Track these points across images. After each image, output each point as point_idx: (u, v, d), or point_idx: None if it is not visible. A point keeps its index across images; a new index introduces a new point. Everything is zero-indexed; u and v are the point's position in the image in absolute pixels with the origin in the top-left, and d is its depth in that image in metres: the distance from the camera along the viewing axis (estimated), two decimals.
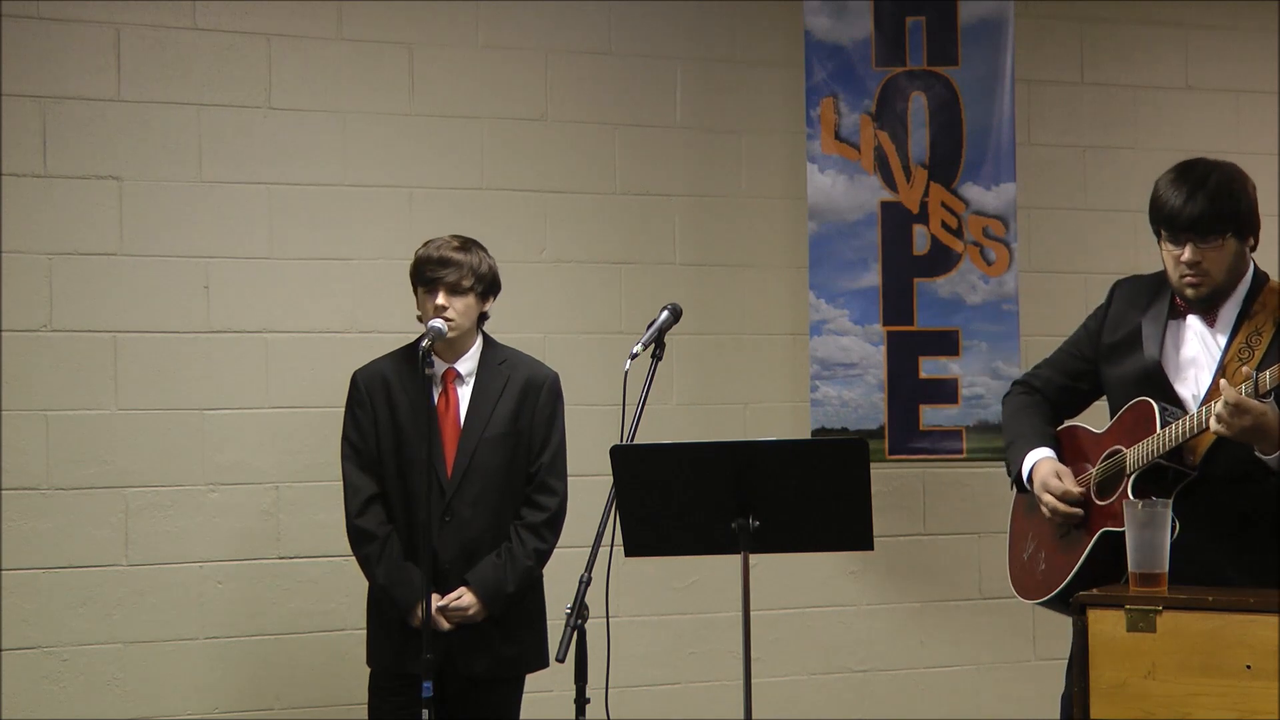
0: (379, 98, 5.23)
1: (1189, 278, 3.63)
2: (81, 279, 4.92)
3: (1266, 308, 3.66)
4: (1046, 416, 4.00)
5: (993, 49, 5.49)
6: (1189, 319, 3.72)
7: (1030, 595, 3.95)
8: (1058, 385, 4.02)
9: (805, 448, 3.98)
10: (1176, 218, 3.59)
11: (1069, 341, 4.05)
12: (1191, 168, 3.67)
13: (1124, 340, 3.82)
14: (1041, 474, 3.84)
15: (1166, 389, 3.68)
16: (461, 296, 4.29)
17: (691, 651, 5.50)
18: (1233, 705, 3.25)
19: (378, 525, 4.31)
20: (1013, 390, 4.13)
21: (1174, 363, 3.71)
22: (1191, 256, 3.60)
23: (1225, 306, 3.69)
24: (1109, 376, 3.87)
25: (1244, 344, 3.64)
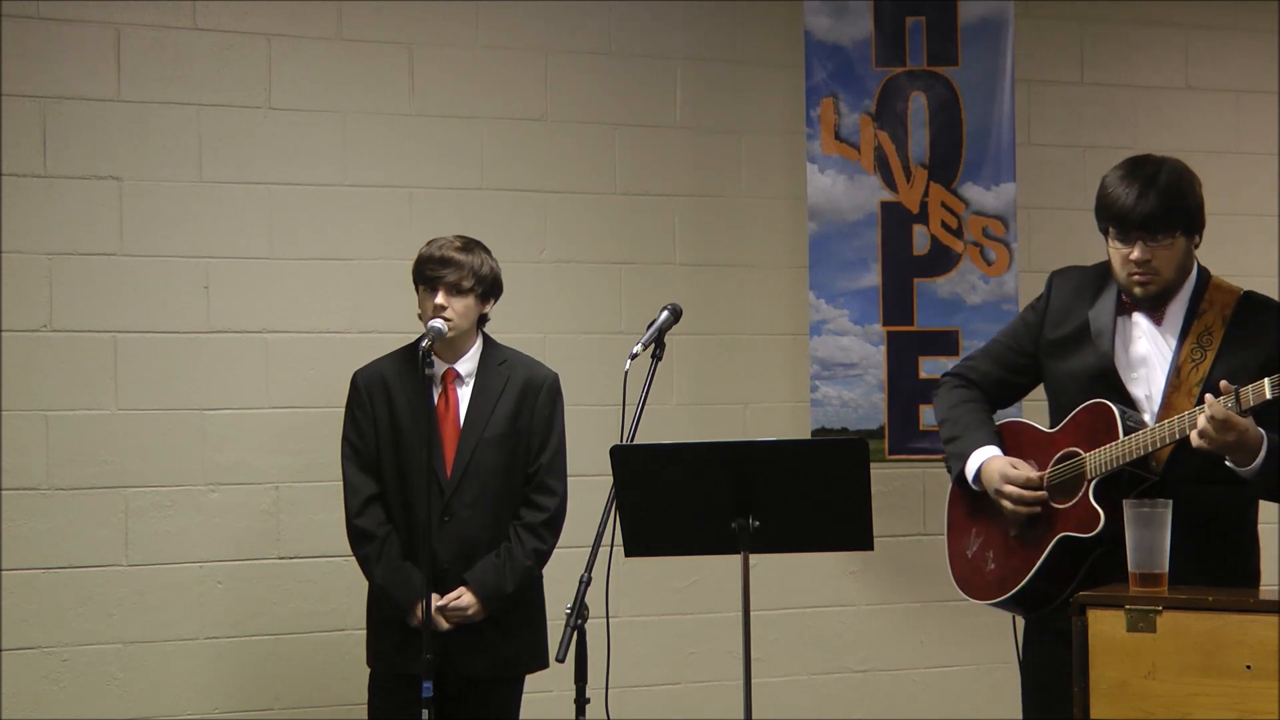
0: (379, 98, 5.23)
1: (1138, 276, 3.60)
2: (81, 279, 4.92)
3: (1214, 306, 3.64)
4: (986, 411, 3.91)
5: (993, 49, 5.49)
6: (1135, 316, 3.69)
7: (980, 595, 3.87)
8: (996, 378, 3.94)
9: (805, 448, 3.98)
10: (1128, 216, 3.55)
11: (1006, 334, 3.98)
12: (1141, 164, 3.64)
13: (1072, 335, 3.76)
14: (995, 469, 3.74)
15: (1119, 387, 3.65)
16: (461, 297, 4.29)
17: (691, 651, 5.50)
18: (1233, 705, 3.25)
19: (377, 525, 4.31)
20: (946, 382, 4.02)
21: (1124, 360, 3.68)
22: (1142, 255, 3.57)
23: (1172, 305, 3.67)
24: (1054, 371, 3.81)
25: (1195, 344, 3.62)
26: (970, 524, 3.93)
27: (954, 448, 3.87)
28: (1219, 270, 3.86)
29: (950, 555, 4.01)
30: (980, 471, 3.80)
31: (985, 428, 3.86)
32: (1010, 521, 3.77)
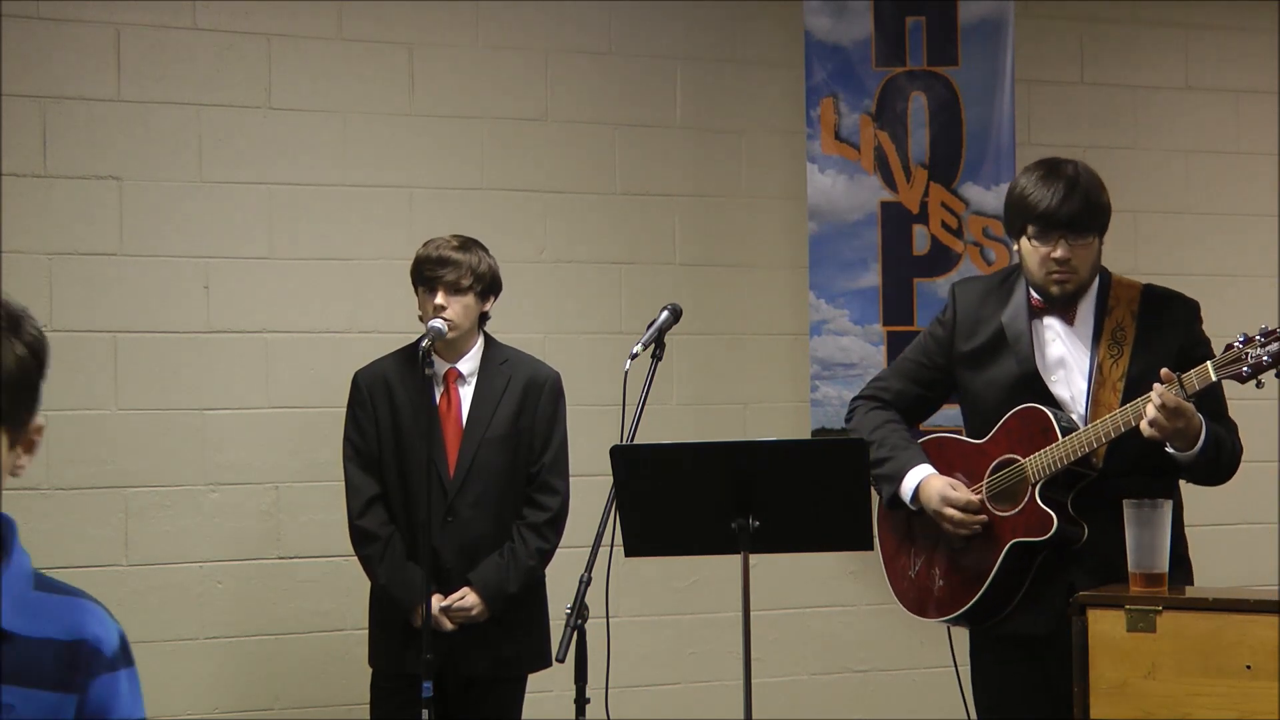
0: (379, 98, 5.23)
1: (1057, 274, 3.65)
2: (81, 279, 4.92)
3: (1121, 303, 3.71)
4: (907, 431, 3.94)
5: (993, 49, 5.49)
6: (1047, 319, 3.75)
7: (930, 614, 3.90)
8: (910, 395, 3.96)
9: (805, 448, 3.98)
10: (1053, 215, 3.61)
11: (914, 351, 4.00)
12: (1057, 166, 3.71)
13: (987, 344, 3.79)
14: (934, 489, 3.76)
15: (1042, 391, 3.69)
16: (460, 296, 4.29)
17: (691, 651, 5.50)
18: (1233, 705, 3.26)
19: (379, 526, 4.31)
20: (860, 405, 4.01)
21: (1043, 364, 3.73)
22: (1064, 254, 3.62)
23: (1082, 304, 3.73)
24: (972, 382, 3.84)
25: (1111, 341, 3.68)
26: (908, 544, 3.94)
27: (885, 470, 3.85)
28: (1220, 270, 3.88)
29: (890, 577, 4.01)
30: (919, 491, 3.79)
31: (913, 447, 3.87)
32: (953, 537, 3.78)
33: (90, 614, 1.99)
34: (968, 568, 3.77)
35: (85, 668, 1.96)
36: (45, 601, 1.95)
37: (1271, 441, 5.76)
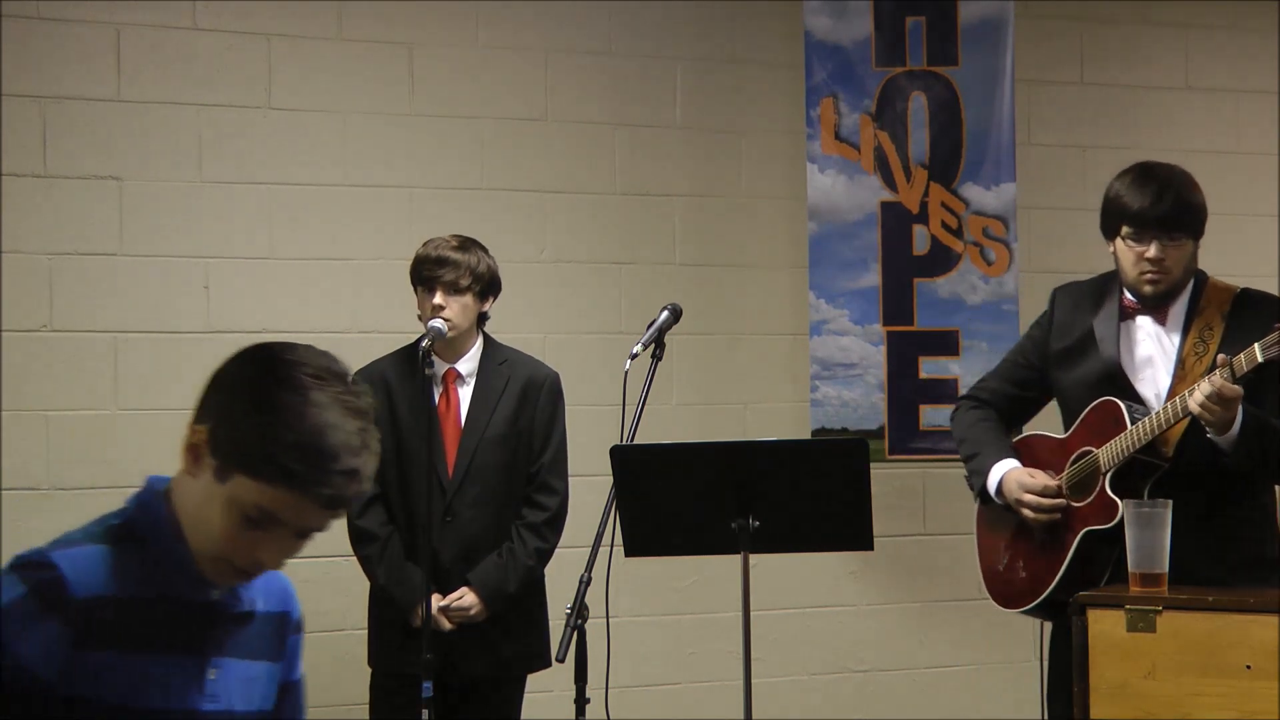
0: (379, 98, 5.23)
1: (1150, 274, 3.71)
2: (81, 279, 4.92)
3: (1213, 303, 3.76)
4: (1001, 428, 4.03)
5: (993, 49, 5.49)
6: (1139, 319, 3.81)
7: (1014, 604, 3.95)
8: (1007, 395, 4.05)
9: (805, 448, 3.99)
10: (1145, 215, 3.67)
11: (1014, 352, 4.11)
12: (1152, 169, 3.77)
13: (1076, 344, 3.87)
14: (1013, 479, 3.85)
15: (1128, 389, 3.75)
16: (459, 296, 4.29)
17: (691, 651, 5.50)
18: (1233, 705, 3.26)
19: (379, 525, 4.30)
20: (961, 405, 4.15)
21: (1131, 364, 3.79)
22: (1157, 253, 3.68)
23: (1175, 305, 3.78)
24: (1063, 381, 3.92)
25: (1197, 339, 3.73)
26: (999, 538, 4.01)
27: (973, 465, 3.98)
28: (1218, 270, 3.89)
29: (984, 573, 4.08)
30: (1002, 484, 3.89)
31: (1000, 442, 3.98)
32: (1034, 528, 3.84)
33: (288, 583, 2.18)
34: (1046, 557, 3.82)
35: (286, 635, 2.14)
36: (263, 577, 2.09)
37: None
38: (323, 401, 1.94)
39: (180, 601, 2.02)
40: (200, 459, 2.00)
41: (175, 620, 2.01)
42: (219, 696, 2.04)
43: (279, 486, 1.94)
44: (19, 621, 1.93)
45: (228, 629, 2.06)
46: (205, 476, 1.99)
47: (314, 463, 1.92)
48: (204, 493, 1.99)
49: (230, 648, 2.06)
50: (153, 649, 1.99)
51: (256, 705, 2.09)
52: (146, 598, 2.00)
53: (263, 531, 1.97)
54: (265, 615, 2.11)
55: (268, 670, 2.11)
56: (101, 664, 1.95)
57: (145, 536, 2.05)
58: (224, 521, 1.97)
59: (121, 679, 1.96)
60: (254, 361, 2.00)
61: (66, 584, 1.95)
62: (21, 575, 1.96)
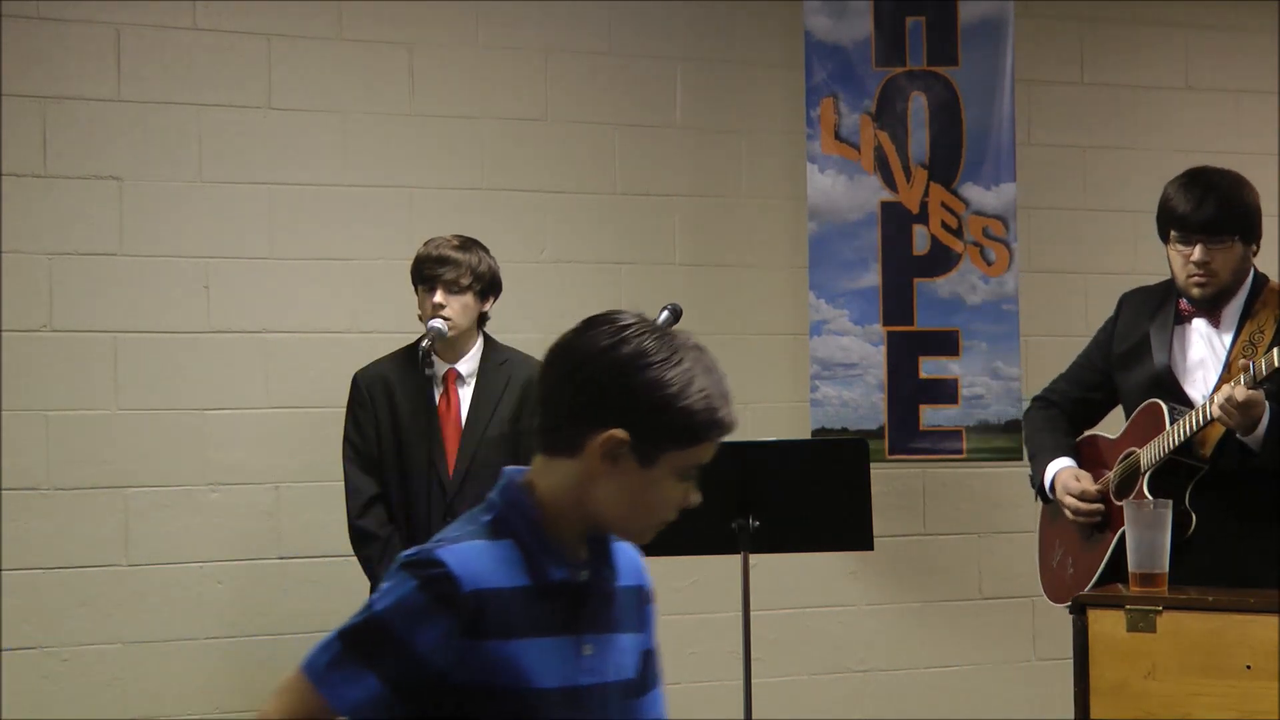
0: (379, 98, 5.22)
1: (1197, 277, 3.76)
2: (81, 279, 4.92)
3: (1267, 306, 3.78)
4: (1064, 428, 4.12)
5: (993, 49, 5.49)
6: (1194, 322, 3.85)
7: (1061, 599, 4.04)
8: (1073, 398, 4.15)
9: (805, 448, 3.99)
10: (1189, 218, 3.72)
11: (1082, 354, 4.19)
12: (1202, 173, 3.81)
13: (1134, 349, 3.94)
14: (1062, 480, 3.97)
15: (1178, 392, 3.81)
16: (459, 295, 4.29)
17: (691, 651, 5.50)
18: (1233, 705, 3.26)
19: (379, 526, 4.30)
20: (1032, 406, 4.25)
21: (1182, 367, 3.84)
22: (1201, 256, 3.73)
23: (1229, 307, 3.82)
24: (1122, 384, 4.00)
25: (1248, 341, 3.77)
26: (1055, 535, 4.12)
27: (1034, 466, 4.10)
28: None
29: (1041, 567, 4.20)
30: (1054, 483, 4.00)
31: (1059, 442, 4.08)
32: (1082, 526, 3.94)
33: (637, 556, 2.31)
34: (1089, 555, 3.92)
35: (644, 605, 2.30)
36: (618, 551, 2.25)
37: None
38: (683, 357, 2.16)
39: (554, 586, 2.15)
40: (620, 459, 2.13)
41: (551, 604, 2.14)
42: (595, 670, 2.18)
43: (708, 439, 2.16)
44: (413, 617, 2.06)
45: (597, 606, 2.19)
46: (629, 469, 2.13)
47: (719, 406, 2.16)
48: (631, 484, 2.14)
49: (600, 623, 2.20)
50: (534, 633, 2.12)
51: (626, 674, 2.24)
52: (524, 586, 2.12)
53: (688, 483, 2.18)
54: (625, 589, 2.24)
55: (633, 640, 2.26)
56: (488, 652, 2.09)
57: (516, 529, 2.16)
58: (663, 494, 2.16)
59: (507, 664, 2.10)
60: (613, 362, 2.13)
61: (454, 579, 2.07)
62: (412, 573, 2.09)
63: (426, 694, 2.07)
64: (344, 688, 2.06)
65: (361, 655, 2.06)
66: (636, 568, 2.30)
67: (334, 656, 2.08)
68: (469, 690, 2.08)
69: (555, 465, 2.16)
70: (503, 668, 2.09)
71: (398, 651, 2.05)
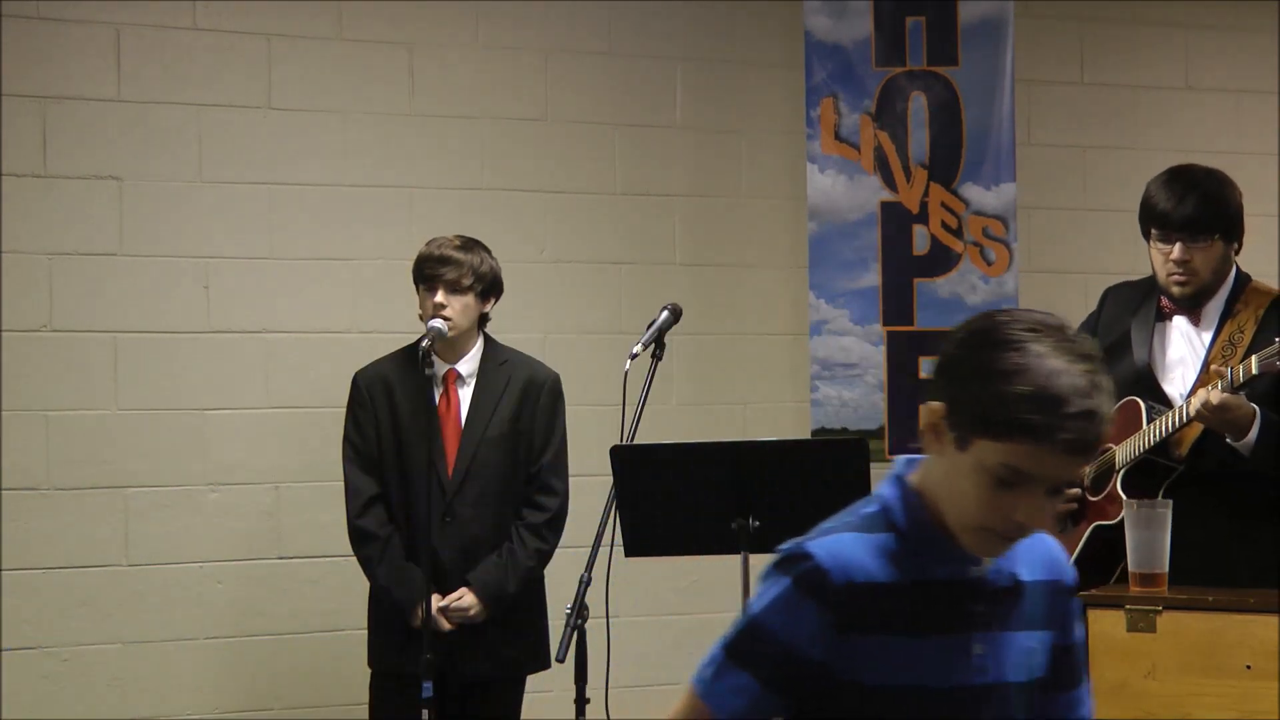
0: (379, 98, 5.22)
1: (1177, 275, 3.77)
2: (81, 279, 4.92)
3: (1248, 306, 3.80)
4: None
5: (993, 49, 5.49)
6: (1175, 320, 3.86)
7: None
8: None
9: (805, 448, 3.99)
10: (1169, 217, 3.73)
11: None
12: (1183, 171, 3.82)
13: (1115, 344, 3.92)
14: None
15: (1156, 390, 3.80)
16: (460, 295, 4.29)
17: (691, 652, 5.47)
18: (1233, 705, 3.26)
19: (379, 526, 4.30)
20: None
21: (1162, 364, 3.85)
22: (1181, 255, 3.74)
23: (1209, 306, 3.83)
24: None
25: (1227, 341, 3.78)
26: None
27: None
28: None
29: None
30: None
31: None
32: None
33: (1053, 548, 2.18)
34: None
35: (1059, 601, 2.16)
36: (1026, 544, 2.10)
37: None
38: (1042, 351, 1.96)
39: (939, 582, 2.07)
40: (940, 435, 2.04)
41: (935, 601, 2.07)
42: (987, 669, 2.08)
43: (1018, 441, 1.95)
44: (785, 611, 2.04)
45: (992, 603, 2.09)
46: (948, 451, 2.03)
47: (1046, 410, 1.93)
48: (951, 467, 2.04)
49: (997, 621, 2.09)
50: (915, 630, 2.05)
51: (1030, 675, 2.12)
52: (905, 581, 2.05)
53: (1015, 492, 1.98)
54: (1033, 584, 2.12)
55: (1040, 638, 2.14)
56: (865, 648, 2.03)
57: (898, 522, 2.09)
58: (976, 490, 2.00)
59: (886, 661, 2.04)
60: (971, 332, 2.04)
61: (824, 572, 2.04)
62: (783, 570, 2.07)
63: (807, 693, 2.05)
64: (727, 697, 2.08)
65: (741, 660, 2.07)
66: (1052, 561, 2.17)
67: (717, 667, 2.10)
68: (847, 687, 2.04)
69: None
70: (880, 664, 2.04)
71: (776, 651, 2.04)
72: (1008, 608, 2.10)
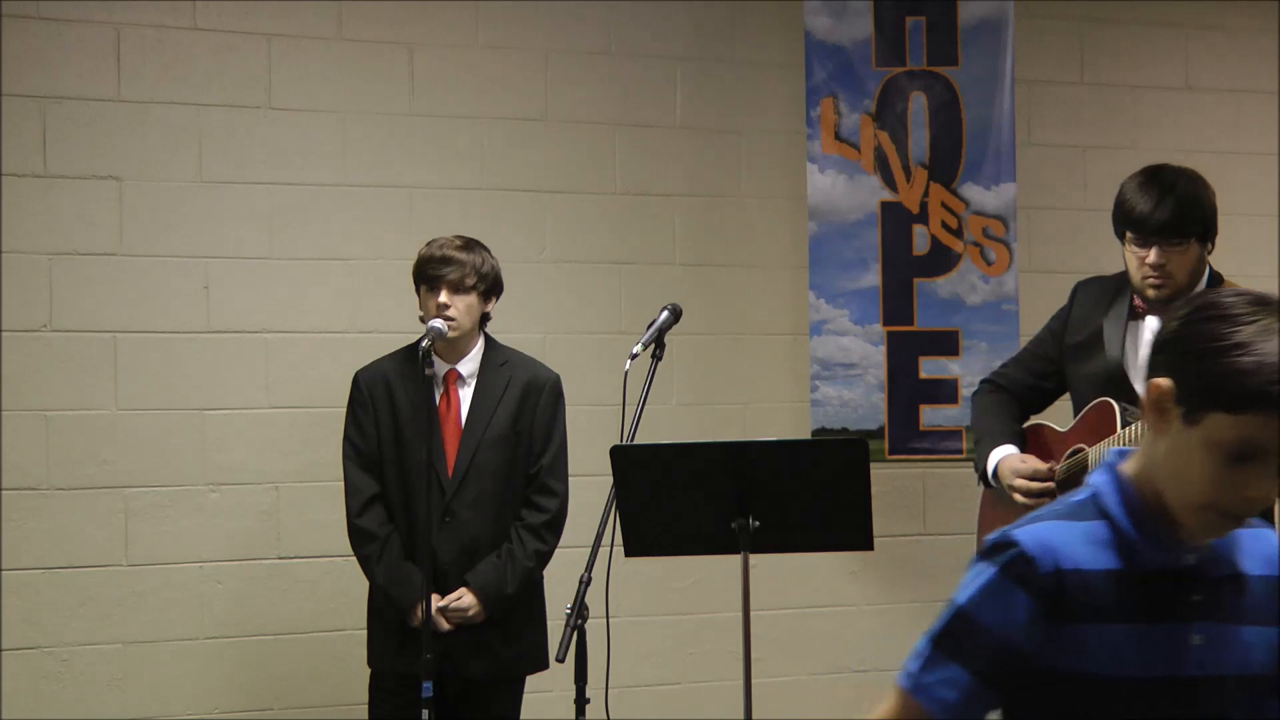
0: (379, 98, 5.23)
1: (1153, 279, 3.76)
2: (81, 279, 4.92)
3: None
4: (1013, 414, 4.12)
5: (993, 49, 5.49)
6: (1148, 319, 3.85)
7: None
8: (1024, 384, 4.14)
9: (805, 448, 3.99)
10: (1146, 221, 3.71)
11: (1034, 341, 4.18)
12: (1159, 173, 3.79)
13: (1087, 341, 3.93)
14: (1007, 465, 3.95)
15: (1128, 389, 3.79)
16: (464, 295, 4.29)
17: (691, 651, 5.50)
18: None
19: (378, 525, 4.30)
20: (981, 388, 4.24)
21: (1134, 363, 3.83)
22: (1157, 259, 3.72)
23: None
24: (1073, 375, 4.00)
25: None
26: (996, 520, 4.08)
27: (979, 450, 4.08)
28: (1219, 270, 3.88)
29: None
30: (998, 469, 3.99)
31: (1006, 428, 4.07)
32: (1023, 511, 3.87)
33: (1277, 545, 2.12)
34: None
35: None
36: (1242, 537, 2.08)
37: None
38: (1271, 325, 1.95)
39: (1154, 570, 2.04)
40: (1166, 412, 2.00)
41: (1150, 589, 2.03)
42: (1206, 662, 2.04)
43: (1256, 412, 1.93)
44: (994, 601, 2.01)
45: (1211, 593, 2.05)
46: (1174, 428, 2.00)
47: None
48: (1176, 445, 2.00)
49: (1217, 612, 2.05)
50: (1128, 619, 2.02)
51: (1255, 669, 2.08)
52: (1117, 569, 2.03)
53: (1247, 467, 1.96)
54: (1258, 579, 2.09)
55: (1265, 635, 2.09)
56: (1075, 637, 2.01)
57: (1110, 508, 2.06)
58: (1205, 466, 1.97)
59: (1097, 650, 2.01)
60: (1196, 308, 2.00)
61: (1031, 559, 2.01)
62: (990, 557, 2.04)
63: (1016, 682, 2.02)
64: (937, 689, 2.06)
65: (949, 651, 2.04)
66: (1274, 557, 2.12)
67: (925, 660, 2.08)
68: (1057, 676, 2.01)
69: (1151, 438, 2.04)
70: (1090, 653, 2.01)
71: (984, 640, 2.01)
72: (1229, 599, 2.06)
